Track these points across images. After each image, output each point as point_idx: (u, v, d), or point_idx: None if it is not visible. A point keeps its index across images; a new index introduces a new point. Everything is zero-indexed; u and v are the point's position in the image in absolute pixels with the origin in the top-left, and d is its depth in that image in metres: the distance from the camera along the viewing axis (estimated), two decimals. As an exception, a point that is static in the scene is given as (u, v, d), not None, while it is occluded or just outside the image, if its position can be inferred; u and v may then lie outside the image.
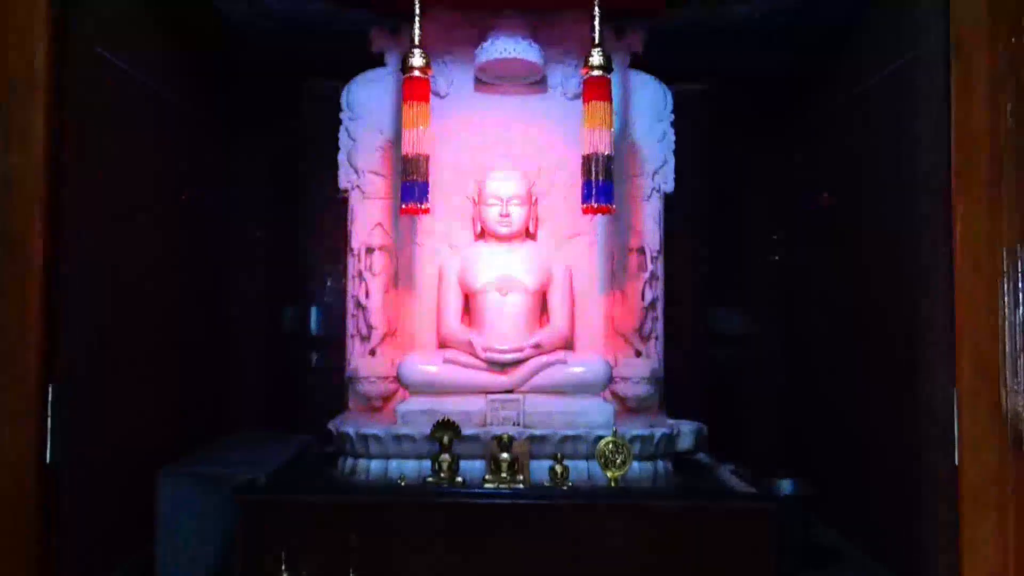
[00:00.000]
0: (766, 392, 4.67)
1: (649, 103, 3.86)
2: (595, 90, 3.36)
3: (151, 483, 3.33)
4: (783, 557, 3.03)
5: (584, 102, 3.39)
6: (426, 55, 3.38)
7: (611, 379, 3.59)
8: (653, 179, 3.87)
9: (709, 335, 4.62)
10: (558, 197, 3.87)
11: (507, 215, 3.70)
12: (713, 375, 4.53)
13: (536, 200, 3.82)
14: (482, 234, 3.81)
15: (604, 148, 3.34)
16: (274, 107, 4.49)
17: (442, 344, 3.70)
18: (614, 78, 3.43)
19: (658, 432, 3.39)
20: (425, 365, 3.52)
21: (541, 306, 3.76)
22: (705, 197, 4.47)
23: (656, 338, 3.83)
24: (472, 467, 3.26)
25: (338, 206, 3.93)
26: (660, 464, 3.41)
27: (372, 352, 3.78)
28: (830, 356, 4.10)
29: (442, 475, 3.16)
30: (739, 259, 4.71)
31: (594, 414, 3.42)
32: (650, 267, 3.82)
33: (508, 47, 3.63)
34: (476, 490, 3.14)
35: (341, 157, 3.85)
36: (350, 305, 3.83)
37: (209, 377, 4.32)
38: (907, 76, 3.28)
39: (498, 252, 3.74)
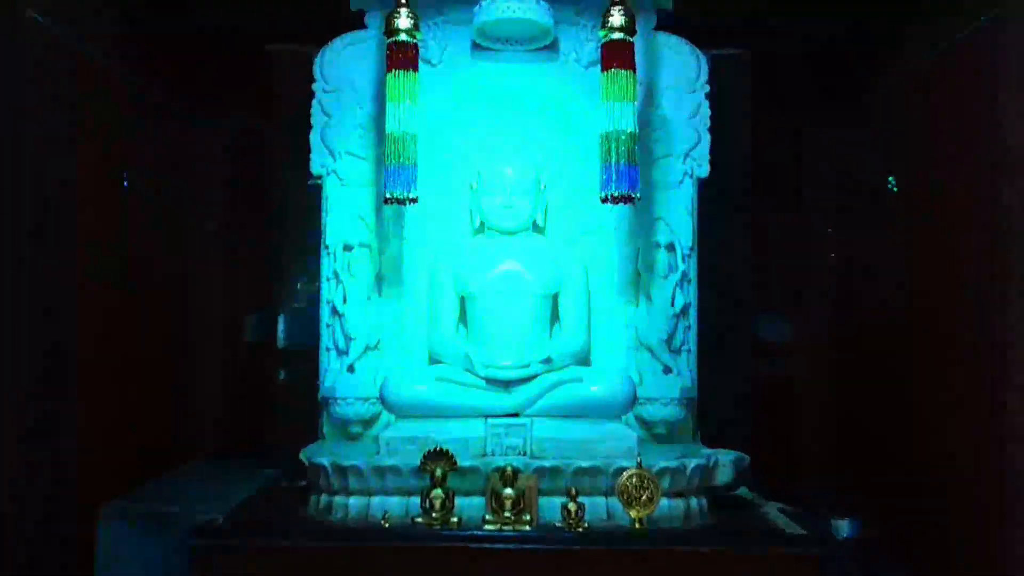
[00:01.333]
0: (820, 415, 4.67)
1: (680, 71, 3.86)
2: (615, 56, 3.36)
3: (92, 523, 3.33)
4: (841, 612, 3.04)
5: (602, 71, 3.40)
6: (414, 15, 3.38)
7: (635, 400, 3.59)
8: (685, 162, 3.87)
9: (752, 347, 4.61)
10: (571, 184, 3.88)
11: (511, 205, 3.70)
12: (757, 395, 4.51)
13: (545, 187, 3.82)
14: (481, 228, 3.82)
15: (626, 125, 3.35)
16: (234, 78, 4.49)
17: (434, 359, 3.72)
18: (637, 42, 3.43)
19: (691, 463, 3.39)
20: (414, 384, 3.53)
21: (552, 313, 3.76)
22: (747, 183, 4.47)
23: (688, 351, 3.83)
24: (470, 505, 3.26)
25: (311, 195, 3.93)
26: (694, 501, 3.41)
27: (351, 368, 3.79)
28: (896, 372, 4.09)
29: (434, 515, 3.16)
30: (788, 257, 4.71)
31: (615, 442, 3.42)
32: (681, 266, 3.81)
33: (512, 5, 3.63)
34: (474, 532, 3.14)
35: (314, 137, 3.85)
36: (325, 312, 3.83)
37: (159, 397, 4.32)
38: (988, 39, 3.27)
39: (500, 249, 3.74)
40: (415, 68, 3.40)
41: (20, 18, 3.08)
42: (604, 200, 3.42)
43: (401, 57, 3.37)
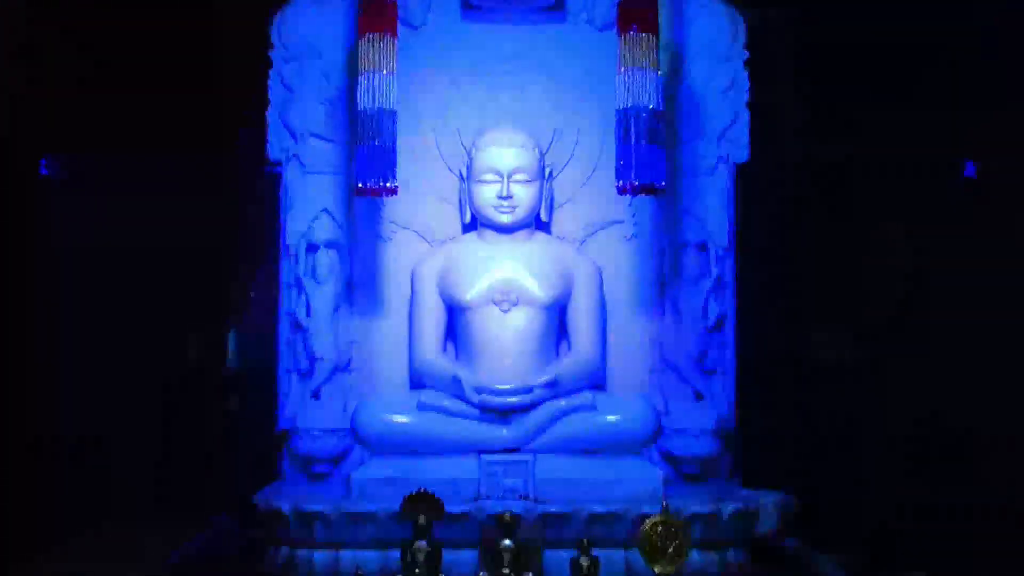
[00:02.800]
0: (884, 449, 4.63)
1: (712, 35, 3.86)
2: (634, 17, 3.36)
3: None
4: None
5: (619, 34, 3.40)
6: (392, -34, 3.42)
7: (659, 432, 3.58)
8: (719, 144, 3.87)
9: (801, 368, 4.59)
10: (582, 170, 3.88)
11: (509, 196, 3.70)
12: (807, 425, 4.51)
13: (551, 175, 3.82)
14: (473, 224, 3.81)
15: (648, 100, 3.35)
16: (174, 45, 4.48)
17: (417, 382, 3.72)
18: (662, 0, 3.46)
19: (728, 508, 3.36)
20: (392, 412, 3.53)
21: (558, 327, 3.75)
22: (795, 170, 4.48)
23: (724, 373, 3.83)
24: (459, 560, 3.24)
25: (267, 185, 3.93)
26: (731, 554, 3.39)
27: (316, 394, 3.79)
28: (978, 397, 4.08)
29: (417, 571, 3.13)
30: (844, 259, 4.68)
31: (636, 482, 3.40)
32: (715, 270, 3.82)
33: (509, -48, 3.68)
34: (466, 594, 3.13)
35: (271, 115, 3.86)
36: (284, 327, 3.84)
37: (81, 431, 4.31)
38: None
39: (497, 249, 3.74)
40: (393, 32, 3.39)
41: None
42: (622, 190, 3.42)
43: (376, 18, 3.37)
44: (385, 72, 3.39)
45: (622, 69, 3.37)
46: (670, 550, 3.09)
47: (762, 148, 3.88)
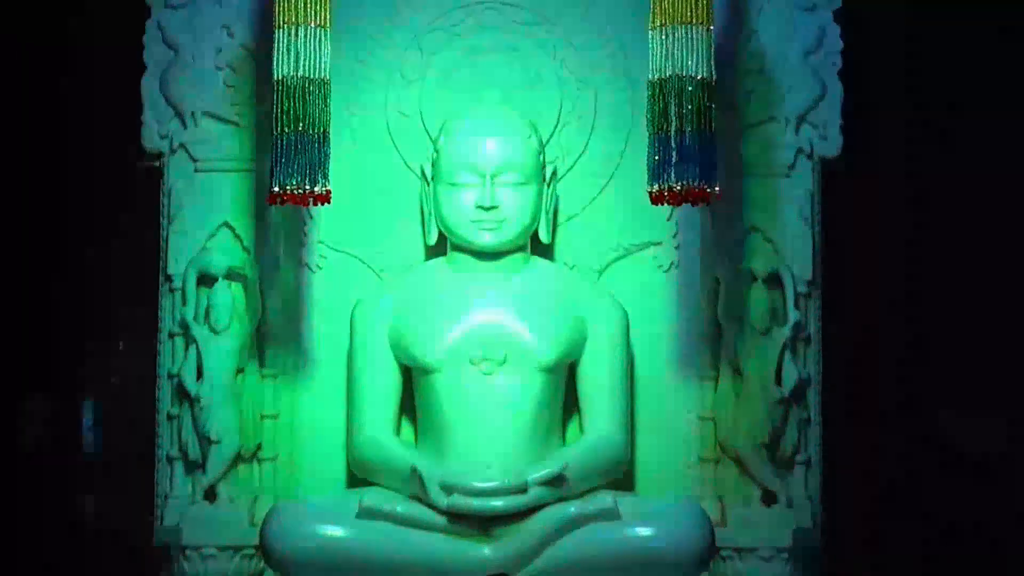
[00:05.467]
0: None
1: (788, -19, 3.91)
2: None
3: None
4: None
5: (651, -27, 3.37)
6: None
7: (712, 552, 3.53)
8: (797, 130, 3.88)
9: (920, 462, 4.52)
10: (599, 168, 3.89)
11: (494, 206, 3.65)
12: (928, 544, 4.42)
13: (554, 175, 3.79)
14: (443, 245, 3.78)
15: (695, 67, 3.31)
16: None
17: (358, 476, 3.71)
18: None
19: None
20: (321, 523, 3.47)
21: (565, 396, 3.74)
22: (909, 168, 4.46)
23: (807, 464, 3.81)
24: None
25: (140, 187, 3.95)
26: None
27: (210, 493, 3.77)
28: None
29: None
30: (990, 304, 4.57)
31: (677, 628, 3.37)
32: (794, 314, 3.79)
33: None
34: None
35: (148, 85, 3.86)
36: (164, 394, 3.83)
37: None
38: None
39: (476, 284, 3.71)
40: (323, -33, 3.37)
41: None
42: (657, 199, 3.36)
43: (299, -53, 3.34)
44: (314, 25, 3.34)
45: (657, 23, 3.32)
46: None
47: (863, 139, 3.88)
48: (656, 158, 3.33)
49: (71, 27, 4.40)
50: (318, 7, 3.33)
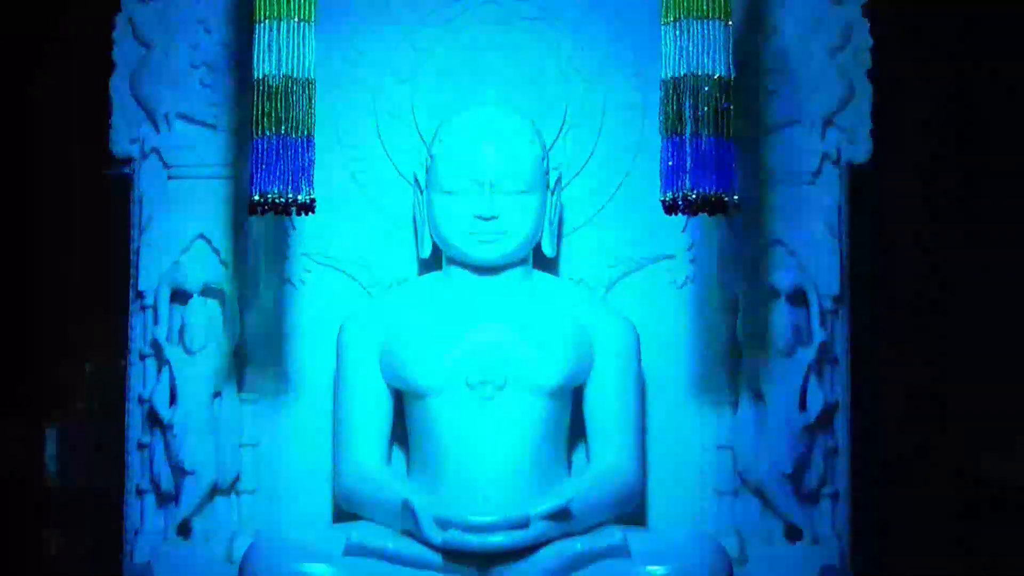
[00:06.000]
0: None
1: (813, -36, 3.90)
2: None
3: None
4: None
5: (666, -39, 3.36)
6: None
7: None
8: (823, 134, 3.86)
9: (961, 494, 4.52)
10: (608, 175, 3.87)
11: (493, 216, 3.63)
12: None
13: (559, 183, 3.77)
14: (437, 260, 3.76)
15: (712, 65, 3.28)
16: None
17: (345, 509, 3.68)
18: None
19: None
20: (305, 560, 3.43)
21: (571, 422, 3.72)
22: (944, 175, 4.46)
23: (834, 496, 3.79)
24: None
25: (109, 196, 3.95)
26: None
27: (183, 528, 3.75)
28: None
29: None
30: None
31: None
32: (819, 333, 3.78)
33: None
34: None
35: (117, 85, 3.85)
36: (134, 421, 3.81)
37: None
38: None
39: (474, 300, 3.70)
40: (308, -44, 3.36)
41: None
42: (670, 208, 3.33)
43: (282, -66, 3.33)
44: (297, 20, 3.32)
45: (671, 18, 3.30)
46: None
47: (894, 143, 3.88)
48: (670, 164, 3.30)
49: (34, 22, 4.39)
50: (302, 1, 3.32)
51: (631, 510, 3.66)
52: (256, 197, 3.32)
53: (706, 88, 3.26)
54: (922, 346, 4.43)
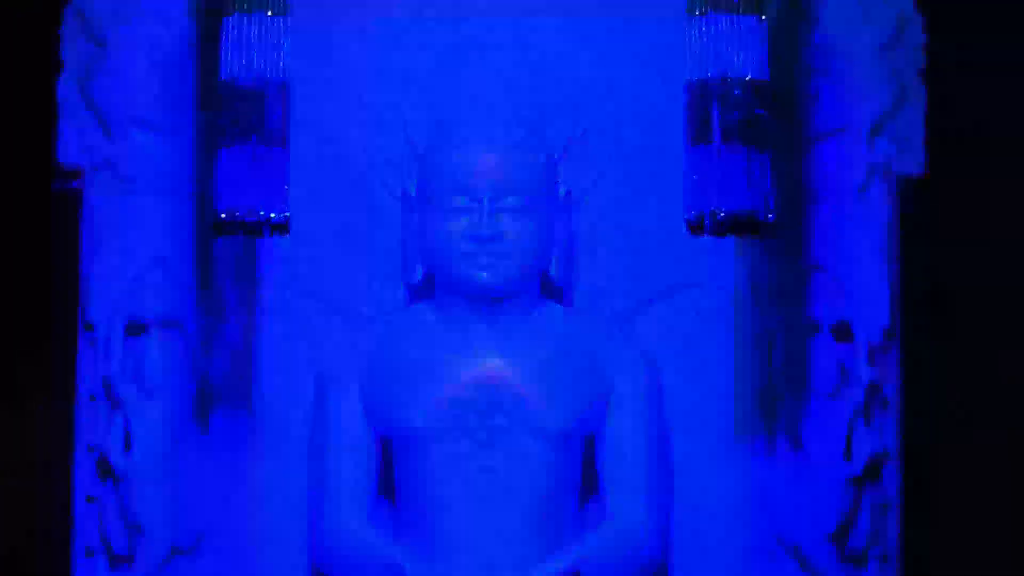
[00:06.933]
0: None
1: (859, -48, 3.92)
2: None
3: None
4: None
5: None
6: None
7: None
8: (871, 144, 3.84)
9: None
10: (625, 190, 3.87)
11: (494, 236, 3.61)
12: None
13: (569, 197, 3.77)
14: (429, 286, 3.74)
15: (743, 66, 3.30)
16: None
17: (324, 572, 3.70)
18: None
19: None
20: None
21: (582, 471, 3.71)
22: (1009, 190, 4.47)
23: (884, 558, 3.78)
24: None
25: (55, 213, 3.96)
26: None
27: None
28: None
29: None
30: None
31: None
32: (867, 372, 3.77)
33: None
34: None
35: (65, 88, 3.84)
36: (82, 471, 3.80)
37: None
38: None
39: (470, 332, 3.69)
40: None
41: None
42: (695, 227, 3.34)
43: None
44: (270, 14, 3.35)
45: (697, 11, 3.32)
46: None
47: (952, 154, 3.90)
48: (696, 176, 3.31)
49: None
50: (274, -11, 3.39)
51: (651, 570, 3.67)
52: (223, 215, 3.34)
53: (737, 91, 3.28)
54: (985, 387, 4.44)
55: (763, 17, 3.32)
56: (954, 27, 3.97)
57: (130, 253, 3.80)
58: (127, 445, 3.73)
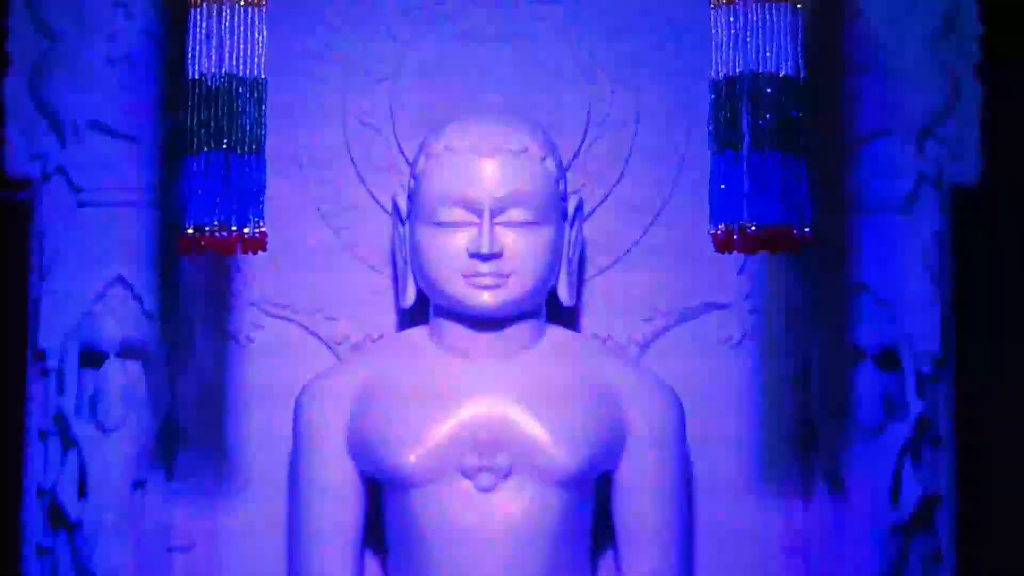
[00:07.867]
0: None
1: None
2: None
3: None
4: None
5: (715, -68, 3.39)
6: None
7: None
8: (919, 148, 3.84)
9: None
10: (642, 202, 3.86)
11: (495, 255, 3.58)
12: None
13: (579, 211, 3.74)
14: (424, 310, 3.72)
15: (776, 62, 3.25)
16: None
17: None
18: None
19: None
20: None
21: (596, 520, 3.69)
22: None
23: None
24: None
25: (3, 228, 3.97)
26: None
27: None
28: None
29: None
30: None
31: None
32: (916, 404, 3.75)
33: None
34: None
35: (14, 87, 3.86)
36: (34, 517, 3.78)
37: None
38: None
39: (469, 363, 3.66)
40: (257, -82, 3.39)
41: None
42: (722, 243, 3.27)
43: None
44: (243, 4, 3.31)
45: (724, 1, 3.28)
46: None
47: (1011, 160, 3.93)
48: (722, 187, 3.26)
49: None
50: (250, -22, 3.39)
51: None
52: (191, 230, 3.27)
53: (769, 90, 3.24)
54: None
55: (799, 6, 3.26)
56: (1015, 15, 3.97)
57: (86, 273, 3.79)
58: (82, 490, 3.71)
